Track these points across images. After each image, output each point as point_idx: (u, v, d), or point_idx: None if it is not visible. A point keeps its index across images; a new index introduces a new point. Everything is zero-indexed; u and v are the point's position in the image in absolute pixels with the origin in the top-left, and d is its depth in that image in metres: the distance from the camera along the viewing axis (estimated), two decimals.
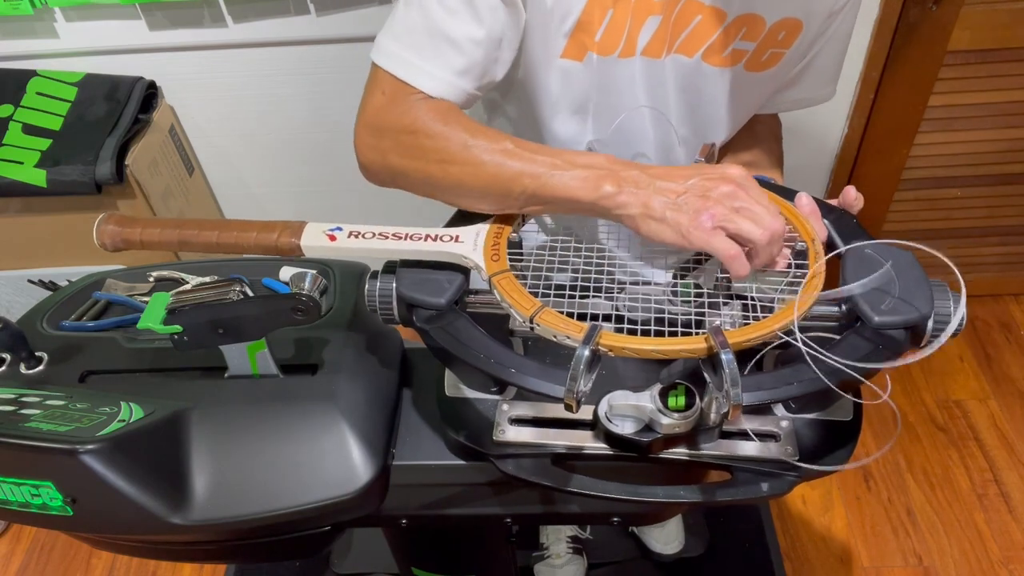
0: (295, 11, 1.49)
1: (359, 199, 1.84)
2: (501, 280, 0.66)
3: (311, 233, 0.71)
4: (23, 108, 1.47)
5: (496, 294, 0.66)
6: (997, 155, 1.76)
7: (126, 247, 0.72)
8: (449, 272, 0.70)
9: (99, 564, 1.68)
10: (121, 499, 0.69)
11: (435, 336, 0.67)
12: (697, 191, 0.62)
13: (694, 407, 0.63)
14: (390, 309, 0.70)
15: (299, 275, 0.92)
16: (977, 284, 2.06)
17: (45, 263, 1.56)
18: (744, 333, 0.59)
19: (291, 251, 0.71)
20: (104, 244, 0.72)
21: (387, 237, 0.70)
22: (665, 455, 0.69)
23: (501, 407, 0.75)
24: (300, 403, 0.77)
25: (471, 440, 0.73)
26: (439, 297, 0.68)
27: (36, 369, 0.82)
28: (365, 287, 0.70)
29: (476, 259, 0.68)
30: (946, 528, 1.62)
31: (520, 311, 0.63)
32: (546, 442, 0.72)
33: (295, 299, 0.73)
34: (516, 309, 0.64)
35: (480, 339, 0.65)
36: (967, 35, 1.55)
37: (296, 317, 0.73)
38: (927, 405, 1.85)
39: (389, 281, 0.69)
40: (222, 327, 0.75)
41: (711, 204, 0.61)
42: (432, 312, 0.68)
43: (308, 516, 0.74)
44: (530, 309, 0.63)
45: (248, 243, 0.71)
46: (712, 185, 0.62)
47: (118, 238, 0.71)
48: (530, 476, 0.70)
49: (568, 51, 0.77)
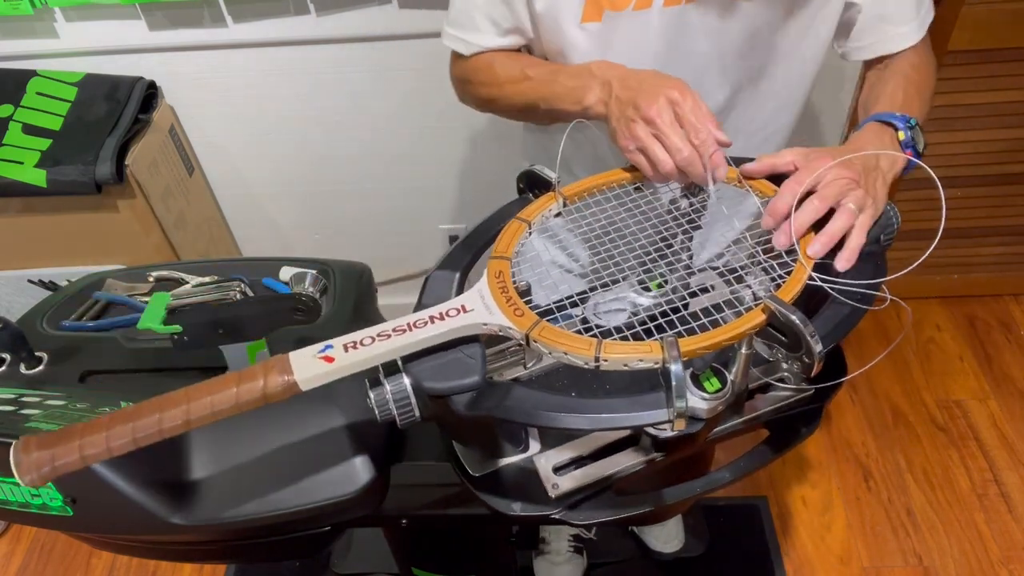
0: (295, 11, 1.49)
1: (359, 198, 1.84)
2: (542, 332, 0.61)
3: (302, 364, 0.58)
4: (23, 108, 1.47)
5: (542, 347, 0.60)
6: (997, 155, 1.76)
7: (65, 471, 0.55)
8: (463, 346, 0.62)
9: (99, 564, 1.68)
10: (121, 499, 0.69)
11: (497, 414, 0.59)
12: (633, 111, 0.73)
13: (726, 385, 0.59)
14: (410, 411, 0.61)
15: (299, 275, 0.92)
16: (977, 284, 2.06)
17: (45, 263, 1.56)
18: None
19: (287, 392, 0.58)
20: (33, 480, 0.54)
21: (388, 336, 0.60)
22: (712, 436, 0.68)
23: (539, 461, 0.71)
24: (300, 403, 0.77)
25: (529, 508, 0.68)
26: (472, 375, 0.60)
27: (36, 369, 0.82)
28: (371, 397, 0.61)
29: (499, 321, 0.62)
30: (946, 528, 1.62)
31: (581, 354, 0.58)
32: (601, 474, 0.69)
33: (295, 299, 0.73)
34: (576, 354, 0.59)
35: (547, 396, 0.60)
36: (967, 35, 1.55)
37: (296, 317, 0.74)
38: (927, 405, 1.85)
39: (399, 381, 0.60)
40: (222, 327, 0.75)
41: (635, 130, 0.73)
42: (472, 394, 0.60)
43: (308, 516, 0.74)
44: (591, 348, 0.58)
45: (228, 404, 0.57)
46: (644, 106, 0.72)
47: (49, 465, 0.54)
48: (609, 516, 0.67)
49: (587, 14, 0.84)
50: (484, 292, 0.64)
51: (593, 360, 0.58)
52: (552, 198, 0.75)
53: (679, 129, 0.71)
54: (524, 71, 0.87)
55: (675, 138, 0.71)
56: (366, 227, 1.91)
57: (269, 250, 1.95)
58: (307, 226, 1.91)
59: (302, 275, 0.92)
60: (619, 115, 0.75)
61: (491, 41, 0.90)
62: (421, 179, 1.79)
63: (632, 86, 0.75)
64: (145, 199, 1.48)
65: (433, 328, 0.61)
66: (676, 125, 0.71)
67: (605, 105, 0.78)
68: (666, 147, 0.71)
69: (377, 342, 0.59)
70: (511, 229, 0.72)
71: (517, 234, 0.72)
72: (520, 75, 0.87)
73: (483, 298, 0.64)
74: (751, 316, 0.60)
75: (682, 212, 0.76)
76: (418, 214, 1.88)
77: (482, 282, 0.66)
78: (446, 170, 1.76)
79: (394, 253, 1.98)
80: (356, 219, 1.89)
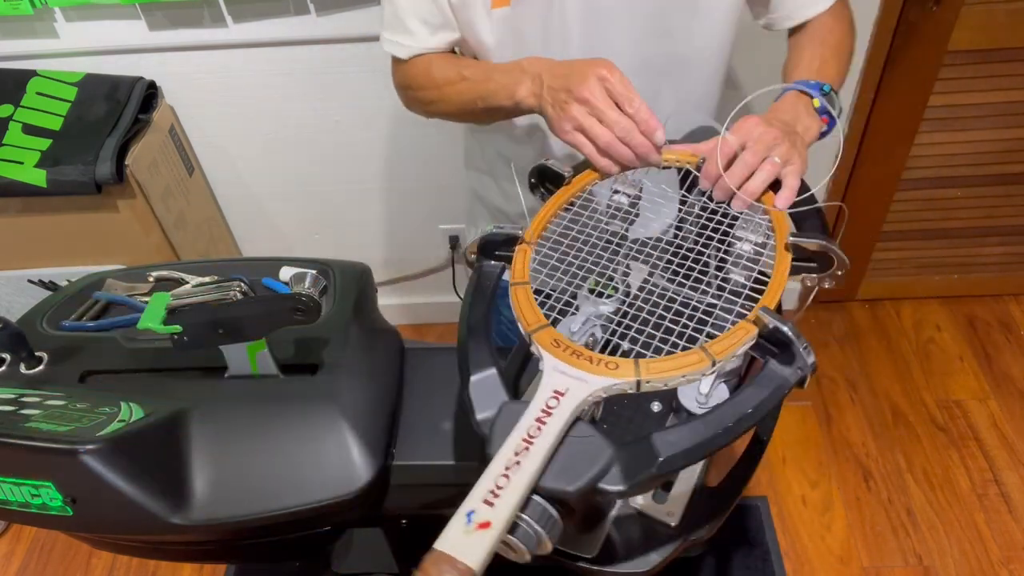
0: (295, 11, 1.49)
1: (359, 198, 1.84)
2: (650, 370, 0.58)
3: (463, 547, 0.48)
4: (23, 108, 1.47)
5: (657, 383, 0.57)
6: (997, 155, 1.76)
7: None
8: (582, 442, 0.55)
9: (99, 564, 1.68)
10: (121, 499, 0.69)
11: (668, 469, 0.55)
12: (566, 94, 0.75)
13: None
14: (555, 524, 0.53)
15: (299, 275, 0.92)
16: (977, 284, 2.06)
17: (45, 263, 1.56)
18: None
19: None
20: None
21: (517, 463, 0.52)
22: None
23: (638, 501, 0.71)
24: (300, 403, 0.77)
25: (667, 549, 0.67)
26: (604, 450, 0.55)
27: (36, 369, 0.82)
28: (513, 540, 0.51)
29: (602, 383, 0.57)
30: (946, 528, 1.62)
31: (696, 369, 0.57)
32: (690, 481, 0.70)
33: (295, 299, 0.73)
34: (693, 371, 0.58)
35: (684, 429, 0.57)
36: (967, 35, 1.55)
37: (296, 317, 0.73)
38: (927, 405, 1.85)
39: (534, 506, 0.52)
40: (222, 327, 0.75)
41: (570, 111, 0.75)
42: (616, 468, 0.55)
43: (308, 516, 0.74)
44: (701, 361, 0.58)
45: None
46: (576, 88, 0.74)
47: None
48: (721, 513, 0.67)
49: (496, 0, 0.87)
50: (561, 367, 0.58)
51: (710, 368, 0.57)
52: (526, 250, 0.71)
53: (612, 104, 0.74)
54: (460, 72, 0.89)
55: (611, 112, 0.73)
56: (366, 227, 1.91)
57: (269, 250, 1.95)
58: (307, 226, 1.91)
59: (302, 275, 0.92)
60: (553, 102, 0.77)
61: (425, 41, 0.92)
62: (421, 179, 1.79)
63: (561, 73, 0.78)
64: (145, 199, 1.48)
65: (549, 430, 0.54)
66: (609, 100, 0.74)
67: (537, 97, 0.80)
68: (603, 122, 0.74)
69: (513, 476, 0.52)
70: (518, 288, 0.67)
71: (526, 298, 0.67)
72: (456, 76, 0.90)
73: (566, 372, 0.58)
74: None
75: (622, 208, 0.77)
76: (418, 214, 1.88)
77: (549, 359, 0.59)
78: (446, 170, 1.76)
79: (394, 253, 1.98)
80: (356, 219, 1.89)
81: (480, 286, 0.69)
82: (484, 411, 0.59)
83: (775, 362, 0.59)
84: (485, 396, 0.60)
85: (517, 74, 0.83)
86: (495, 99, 0.85)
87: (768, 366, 0.59)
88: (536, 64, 0.82)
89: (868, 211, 1.89)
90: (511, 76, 0.83)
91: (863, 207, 1.88)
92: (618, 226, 0.76)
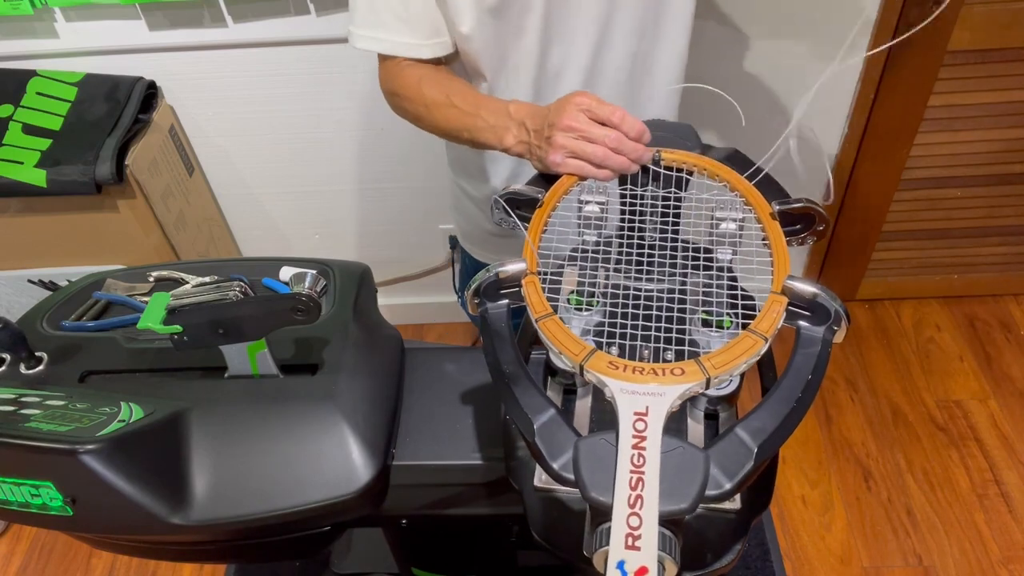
0: (295, 11, 1.49)
1: (359, 198, 1.84)
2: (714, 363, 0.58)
3: None
4: (23, 108, 1.47)
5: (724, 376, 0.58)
6: (997, 155, 1.76)
7: None
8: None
9: (99, 564, 1.68)
10: (121, 499, 0.69)
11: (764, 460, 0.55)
12: (549, 130, 0.76)
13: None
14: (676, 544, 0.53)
15: (299, 275, 0.92)
16: (977, 284, 2.06)
17: (45, 263, 1.56)
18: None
19: None
20: None
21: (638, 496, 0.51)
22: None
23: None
24: (300, 403, 0.77)
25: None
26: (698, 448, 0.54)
27: (36, 369, 0.82)
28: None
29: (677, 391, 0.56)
30: (946, 528, 1.62)
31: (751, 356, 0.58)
32: None
33: (295, 299, 0.73)
34: (750, 358, 0.58)
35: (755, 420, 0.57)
36: (967, 35, 1.55)
37: (296, 317, 0.73)
38: (927, 405, 1.85)
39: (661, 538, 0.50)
40: (222, 327, 0.75)
41: (557, 141, 0.75)
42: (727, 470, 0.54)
43: (308, 516, 0.74)
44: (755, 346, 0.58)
45: None
46: (558, 120, 0.75)
47: None
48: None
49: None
50: (630, 387, 0.56)
51: (765, 346, 0.58)
52: (535, 281, 0.67)
53: (596, 123, 0.75)
54: (449, 98, 0.89)
55: (596, 129, 0.74)
56: (366, 227, 1.91)
57: (269, 250, 1.95)
58: (307, 226, 1.91)
59: (302, 275, 0.92)
60: (539, 143, 0.79)
61: (406, 38, 0.91)
62: (421, 179, 1.79)
63: (541, 113, 0.79)
64: (145, 199, 1.48)
65: (651, 454, 0.52)
66: (592, 121, 0.75)
67: (525, 144, 0.81)
68: (592, 140, 0.74)
69: (643, 513, 0.50)
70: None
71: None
72: (445, 100, 0.90)
73: (637, 391, 0.56)
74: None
75: (593, 216, 0.77)
76: (418, 214, 1.88)
77: (615, 383, 0.57)
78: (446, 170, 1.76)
79: (394, 253, 1.98)
80: (356, 219, 1.89)
81: (495, 331, 0.65)
82: (560, 456, 0.56)
83: (808, 324, 0.61)
84: (553, 440, 0.57)
85: (505, 118, 0.83)
86: (481, 136, 0.86)
87: (802, 332, 0.61)
88: (521, 109, 0.83)
89: (868, 211, 1.89)
90: (499, 119, 0.84)
91: (863, 207, 1.88)
92: (593, 235, 0.76)
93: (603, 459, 0.53)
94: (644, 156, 0.75)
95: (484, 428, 0.84)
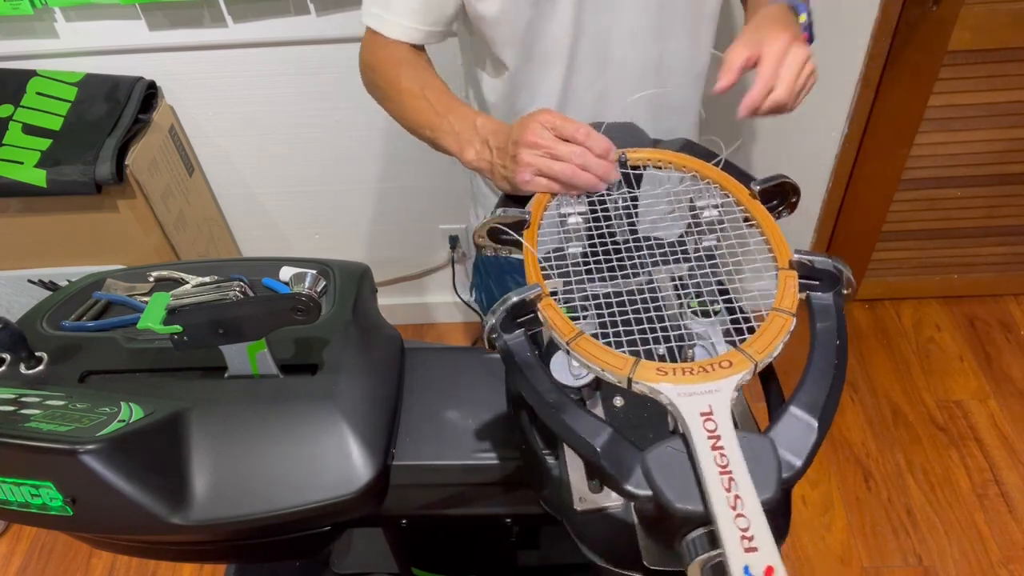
0: (295, 11, 1.49)
1: (359, 198, 1.84)
2: (755, 349, 0.58)
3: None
4: (23, 108, 1.47)
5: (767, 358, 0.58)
6: (997, 155, 1.76)
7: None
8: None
9: (99, 564, 1.68)
10: (121, 499, 0.69)
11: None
12: (514, 147, 0.75)
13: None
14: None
15: (299, 275, 0.92)
16: (977, 284, 2.06)
17: (45, 263, 1.56)
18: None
19: None
20: None
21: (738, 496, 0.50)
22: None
23: None
24: (300, 403, 0.77)
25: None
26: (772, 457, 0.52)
27: (36, 369, 0.82)
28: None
29: (733, 381, 0.55)
30: (946, 528, 1.62)
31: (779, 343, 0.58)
32: None
33: (295, 299, 0.73)
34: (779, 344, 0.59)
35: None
36: (967, 35, 1.55)
37: (296, 317, 0.73)
38: (927, 405, 1.85)
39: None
40: (222, 327, 0.75)
41: (523, 159, 0.74)
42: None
43: (308, 516, 0.74)
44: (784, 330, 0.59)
45: None
46: (522, 136, 0.74)
47: None
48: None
49: None
50: (687, 390, 0.55)
51: (794, 322, 0.60)
52: (552, 304, 0.64)
53: (560, 140, 0.73)
54: (423, 91, 0.88)
55: (561, 146, 0.73)
56: (366, 227, 1.91)
57: (269, 250, 1.96)
58: (307, 226, 1.91)
59: (302, 275, 0.92)
60: (502, 162, 0.77)
61: (407, 20, 0.91)
62: (421, 179, 1.79)
63: (504, 131, 0.78)
64: (145, 199, 1.48)
65: (731, 452, 0.51)
66: (556, 138, 0.73)
67: (487, 163, 0.80)
68: (557, 157, 0.73)
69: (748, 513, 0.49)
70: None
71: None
72: (419, 92, 0.88)
73: (695, 392, 0.55)
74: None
75: (579, 227, 0.75)
76: (418, 214, 1.88)
77: (670, 388, 0.55)
78: (446, 170, 1.76)
79: (394, 253, 1.98)
80: (356, 219, 1.89)
81: (524, 363, 0.62)
82: (630, 474, 0.53)
83: (818, 293, 0.63)
84: (619, 459, 0.54)
85: (470, 133, 0.82)
86: (444, 140, 0.85)
87: (815, 302, 0.63)
88: (486, 125, 0.82)
89: (868, 211, 1.89)
90: (464, 130, 0.83)
91: (863, 207, 1.88)
92: (578, 247, 0.73)
93: (676, 467, 0.51)
94: (610, 175, 0.73)
95: (484, 428, 0.84)
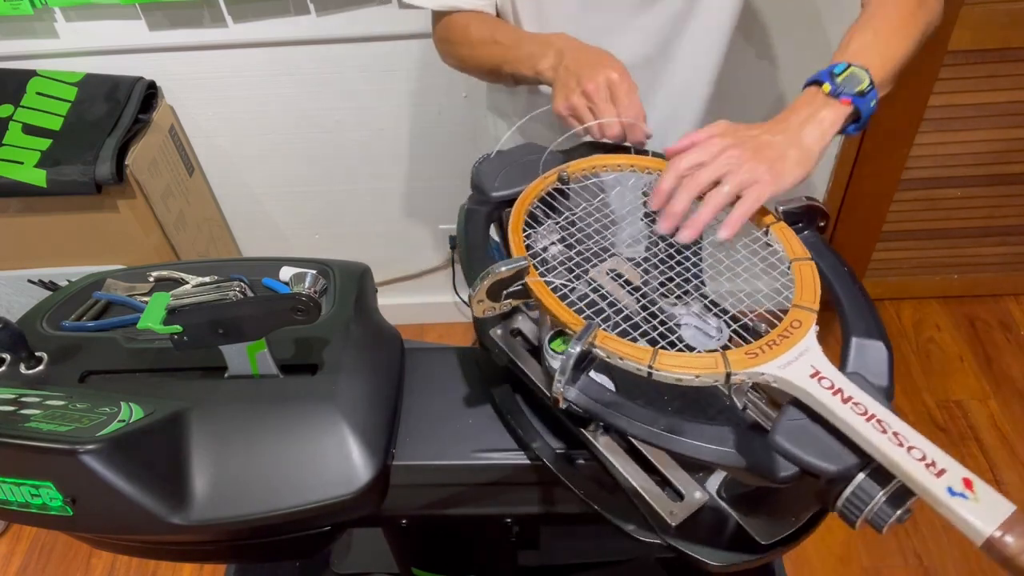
0: (295, 11, 1.49)
1: (359, 198, 1.84)
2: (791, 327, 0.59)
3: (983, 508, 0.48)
4: (23, 108, 1.47)
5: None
6: (997, 155, 1.76)
7: None
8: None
9: (99, 564, 1.68)
10: (121, 499, 0.69)
11: None
12: (575, 82, 0.80)
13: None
14: None
15: (299, 275, 0.92)
16: (977, 284, 2.06)
17: (45, 263, 1.56)
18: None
19: None
20: None
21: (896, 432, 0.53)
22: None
23: None
24: (300, 403, 0.77)
25: None
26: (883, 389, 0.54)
27: (36, 369, 0.81)
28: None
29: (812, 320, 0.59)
30: (946, 528, 1.62)
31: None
32: None
33: (295, 299, 0.73)
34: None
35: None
36: (967, 35, 1.55)
37: (296, 317, 0.73)
38: (927, 405, 1.85)
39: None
40: (222, 327, 0.74)
41: (574, 97, 0.80)
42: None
43: (308, 516, 0.74)
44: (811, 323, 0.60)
45: None
46: (585, 80, 0.79)
47: None
48: None
49: None
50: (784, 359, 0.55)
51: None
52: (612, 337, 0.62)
53: (612, 106, 0.78)
54: (494, 35, 0.95)
55: (607, 109, 0.78)
56: (366, 227, 1.91)
57: (269, 250, 1.96)
58: (307, 226, 1.91)
59: (302, 275, 0.92)
60: (563, 83, 0.82)
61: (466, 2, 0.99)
62: (421, 179, 1.79)
63: (580, 59, 0.82)
64: (145, 199, 1.48)
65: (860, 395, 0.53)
66: (610, 103, 0.78)
67: (554, 71, 0.85)
68: (599, 116, 0.78)
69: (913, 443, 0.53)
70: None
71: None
72: (490, 38, 0.95)
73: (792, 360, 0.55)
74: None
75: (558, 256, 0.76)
76: (418, 214, 1.88)
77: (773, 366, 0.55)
78: (446, 170, 1.76)
79: (394, 253, 1.98)
80: (356, 219, 1.89)
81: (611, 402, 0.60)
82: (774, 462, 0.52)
83: (807, 233, 0.68)
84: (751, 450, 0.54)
85: (545, 47, 0.87)
86: (520, 65, 0.90)
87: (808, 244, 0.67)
88: (565, 41, 0.86)
89: (868, 211, 1.89)
90: (539, 47, 0.88)
91: (863, 207, 1.88)
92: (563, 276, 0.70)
93: (811, 434, 0.52)
94: (637, 134, 0.78)
95: (484, 428, 0.84)
